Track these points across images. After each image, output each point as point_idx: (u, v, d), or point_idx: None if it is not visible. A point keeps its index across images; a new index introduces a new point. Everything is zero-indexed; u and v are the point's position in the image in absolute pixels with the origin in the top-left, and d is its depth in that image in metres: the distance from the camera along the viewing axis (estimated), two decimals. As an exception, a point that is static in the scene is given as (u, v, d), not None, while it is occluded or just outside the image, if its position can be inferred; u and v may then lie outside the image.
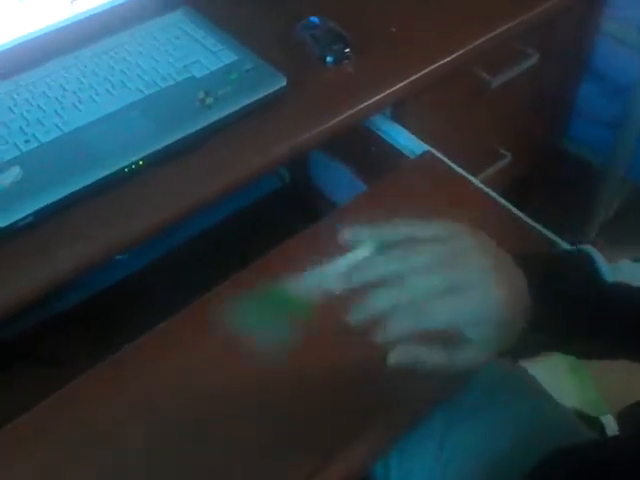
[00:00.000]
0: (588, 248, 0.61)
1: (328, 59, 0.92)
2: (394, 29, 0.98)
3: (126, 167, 0.75)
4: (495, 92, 1.10)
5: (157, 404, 0.66)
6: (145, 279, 1.15)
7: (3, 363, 1.00)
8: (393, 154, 0.95)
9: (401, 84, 0.91)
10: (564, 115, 1.43)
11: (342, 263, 0.56)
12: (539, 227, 0.83)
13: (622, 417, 0.63)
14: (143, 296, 1.12)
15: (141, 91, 0.84)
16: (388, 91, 0.90)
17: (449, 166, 0.90)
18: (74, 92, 0.83)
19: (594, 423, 1.04)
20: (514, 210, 0.85)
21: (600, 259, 0.60)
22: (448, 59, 0.95)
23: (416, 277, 0.52)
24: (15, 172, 0.74)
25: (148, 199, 0.75)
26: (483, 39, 0.99)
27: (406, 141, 0.95)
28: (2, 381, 0.97)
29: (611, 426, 1.14)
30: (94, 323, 1.08)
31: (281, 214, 1.26)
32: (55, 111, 0.81)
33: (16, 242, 0.71)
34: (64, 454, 0.63)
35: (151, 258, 1.15)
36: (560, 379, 1.34)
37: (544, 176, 1.43)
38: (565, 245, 0.80)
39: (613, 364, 0.62)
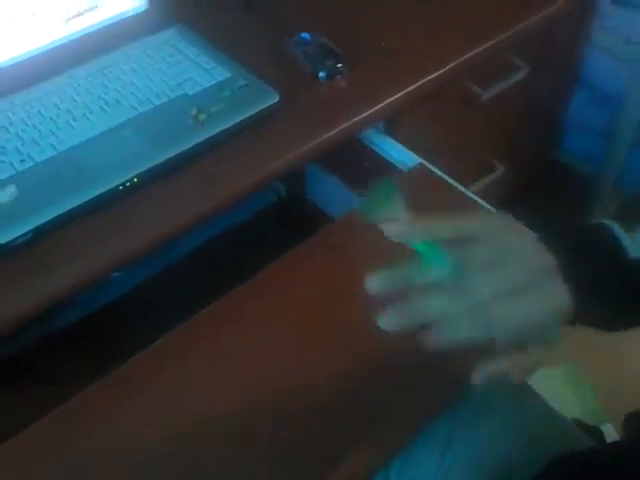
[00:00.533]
0: (610, 223, 0.58)
1: (321, 74, 0.93)
2: (384, 44, 0.99)
3: (120, 185, 0.76)
4: (486, 104, 1.11)
5: (155, 420, 0.66)
6: (141, 296, 1.15)
7: (2, 379, 1.00)
8: (386, 167, 0.96)
9: (393, 98, 0.92)
10: (556, 126, 1.45)
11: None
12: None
13: (627, 422, 0.63)
14: (140, 313, 1.12)
15: (135, 109, 0.84)
16: (380, 105, 0.90)
17: (442, 178, 0.91)
18: (68, 111, 0.84)
19: (593, 432, 1.05)
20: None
21: (622, 234, 0.56)
22: (439, 72, 0.96)
23: (473, 278, 0.47)
24: (11, 191, 0.75)
25: (143, 216, 0.76)
26: (474, 52, 1.00)
27: (399, 154, 0.96)
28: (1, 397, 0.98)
29: (611, 435, 1.14)
30: (91, 341, 1.08)
31: (277, 228, 1.26)
32: (50, 130, 0.82)
33: (13, 260, 0.71)
34: (63, 472, 0.63)
35: (147, 275, 1.15)
36: (560, 389, 1.34)
37: (537, 187, 1.44)
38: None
39: (613, 372, 0.61)
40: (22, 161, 0.78)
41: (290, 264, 0.79)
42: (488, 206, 0.87)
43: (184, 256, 1.18)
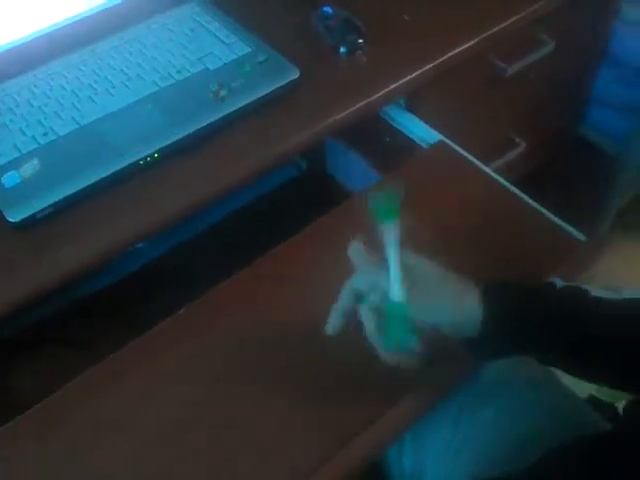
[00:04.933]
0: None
1: (341, 49, 0.92)
2: (407, 17, 0.98)
3: (141, 160, 0.77)
4: (510, 80, 1.10)
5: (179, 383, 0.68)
6: (166, 266, 1.17)
7: (31, 346, 1.03)
8: (407, 144, 0.96)
9: (414, 74, 0.91)
10: (581, 102, 1.42)
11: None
12: (551, 216, 0.83)
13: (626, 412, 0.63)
14: (164, 282, 1.15)
15: (156, 84, 0.85)
16: (401, 81, 0.90)
17: (462, 155, 0.90)
18: (90, 85, 0.85)
19: (608, 409, 1.05)
20: (526, 199, 0.85)
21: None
22: (462, 48, 0.95)
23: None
24: (34, 164, 0.76)
25: (163, 191, 0.77)
26: (498, 27, 0.98)
27: (419, 131, 0.95)
28: (30, 363, 1.00)
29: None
30: (117, 308, 1.10)
31: (298, 201, 1.27)
32: (72, 104, 0.82)
33: (36, 232, 0.73)
34: (90, 435, 0.65)
35: (171, 245, 1.17)
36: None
37: (558, 164, 1.42)
38: (577, 235, 0.80)
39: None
40: (45, 134, 0.79)
41: (309, 237, 0.80)
42: (508, 184, 0.87)
43: (205, 228, 1.20)
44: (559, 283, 0.64)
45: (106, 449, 0.64)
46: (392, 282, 0.60)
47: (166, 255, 1.17)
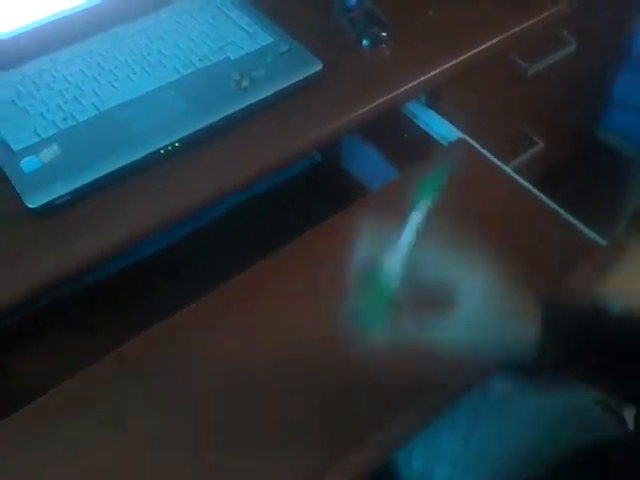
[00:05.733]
0: None
1: (364, 42, 0.91)
2: (431, 13, 0.97)
3: (162, 148, 0.76)
4: (531, 79, 1.09)
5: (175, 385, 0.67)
6: (177, 254, 1.17)
7: (39, 330, 1.03)
8: (426, 140, 0.95)
9: (437, 70, 0.90)
10: (600, 103, 1.42)
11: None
12: (569, 217, 0.83)
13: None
14: (170, 271, 1.15)
15: (178, 71, 0.84)
16: (424, 77, 0.89)
17: (481, 154, 0.90)
18: (111, 71, 0.84)
19: (618, 411, 1.04)
20: (545, 199, 0.84)
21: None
22: (484, 46, 0.94)
23: None
24: (54, 149, 0.75)
25: (184, 180, 0.76)
26: (520, 27, 0.97)
27: (439, 128, 0.95)
28: (38, 347, 1.01)
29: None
30: (125, 294, 1.10)
31: (311, 193, 1.27)
32: (92, 90, 0.82)
33: (55, 219, 0.72)
34: (90, 434, 0.64)
35: (183, 234, 1.17)
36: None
37: (576, 165, 1.42)
38: (597, 238, 0.80)
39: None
40: (64, 119, 0.78)
41: (323, 235, 0.79)
42: (527, 183, 0.86)
43: (214, 219, 1.19)
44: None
45: (106, 448, 0.63)
46: (394, 261, 0.57)
47: (174, 244, 1.17)
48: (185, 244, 1.18)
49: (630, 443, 0.63)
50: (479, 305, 0.55)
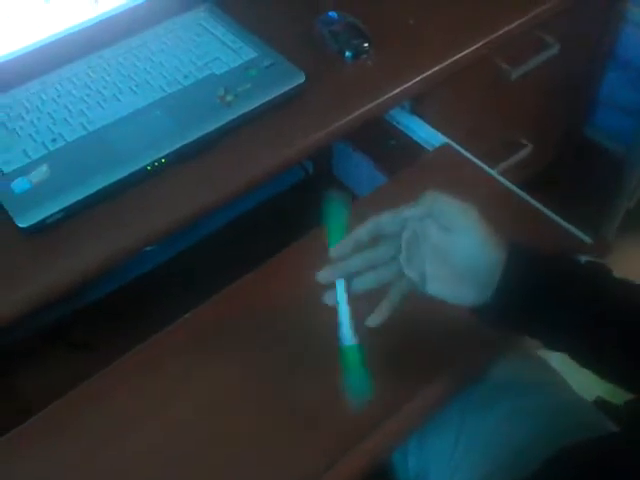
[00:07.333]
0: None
1: (347, 54, 0.93)
2: (412, 21, 0.99)
3: (148, 165, 0.78)
4: (516, 83, 1.10)
5: (184, 391, 0.69)
6: (173, 269, 1.18)
7: (39, 350, 1.04)
8: (412, 147, 0.96)
9: (419, 77, 0.91)
10: (587, 104, 1.42)
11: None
12: (558, 219, 0.83)
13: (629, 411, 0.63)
14: (170, 286, 1.15)
15: (164, 89, 0.86)
16: (406, 85, 0.90)
17: (467, 158, 0.91)
18: (99, 91, 0.86)
19: (616, 410, 1.04)
20: (532, 201, 0.85)
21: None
22: (467, 51, 0.95)
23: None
24: (43, 170, 0.77)
25: (171, 196, 0.77)
26: (503, 30, 0.98)
27: (425, 134, 0.96)
28: (38, 367, 1.01)
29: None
30: (125, 311, 1.11)
31: (304, 203, 1.27)
32: (81, 110, 0.83)
33: (45, 238, 0.74)
34: (99, 438, 0.66)
35: (178, 249, 1.18)
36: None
37: (565, 166, 1.42)
38: (583, 237, 0.81)
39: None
40: (54, 140, 0.80)
41: (316, 241, 0.80)
42: (513, 186, 0.87)
43: (211, 233, 1.20)
44: (583, 259, 0.63)
45: (113, 453, 0.64)
46: (342, 324, 0.62)
47: (172, 260, 1.18)
48: (182, 259, 1.19)
49: (620, 439, 0.63)
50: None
